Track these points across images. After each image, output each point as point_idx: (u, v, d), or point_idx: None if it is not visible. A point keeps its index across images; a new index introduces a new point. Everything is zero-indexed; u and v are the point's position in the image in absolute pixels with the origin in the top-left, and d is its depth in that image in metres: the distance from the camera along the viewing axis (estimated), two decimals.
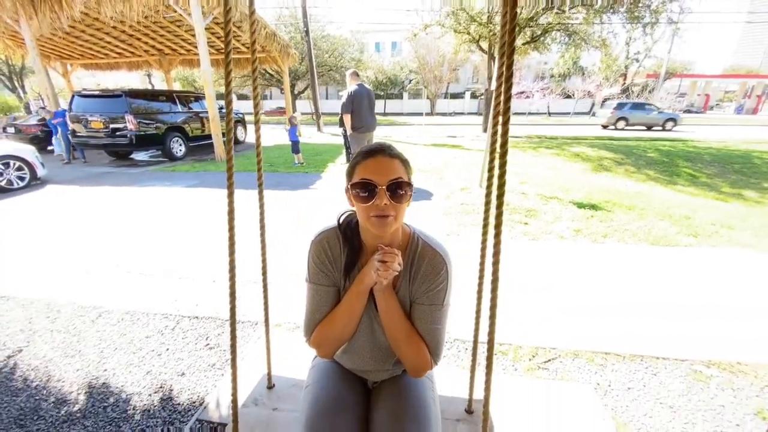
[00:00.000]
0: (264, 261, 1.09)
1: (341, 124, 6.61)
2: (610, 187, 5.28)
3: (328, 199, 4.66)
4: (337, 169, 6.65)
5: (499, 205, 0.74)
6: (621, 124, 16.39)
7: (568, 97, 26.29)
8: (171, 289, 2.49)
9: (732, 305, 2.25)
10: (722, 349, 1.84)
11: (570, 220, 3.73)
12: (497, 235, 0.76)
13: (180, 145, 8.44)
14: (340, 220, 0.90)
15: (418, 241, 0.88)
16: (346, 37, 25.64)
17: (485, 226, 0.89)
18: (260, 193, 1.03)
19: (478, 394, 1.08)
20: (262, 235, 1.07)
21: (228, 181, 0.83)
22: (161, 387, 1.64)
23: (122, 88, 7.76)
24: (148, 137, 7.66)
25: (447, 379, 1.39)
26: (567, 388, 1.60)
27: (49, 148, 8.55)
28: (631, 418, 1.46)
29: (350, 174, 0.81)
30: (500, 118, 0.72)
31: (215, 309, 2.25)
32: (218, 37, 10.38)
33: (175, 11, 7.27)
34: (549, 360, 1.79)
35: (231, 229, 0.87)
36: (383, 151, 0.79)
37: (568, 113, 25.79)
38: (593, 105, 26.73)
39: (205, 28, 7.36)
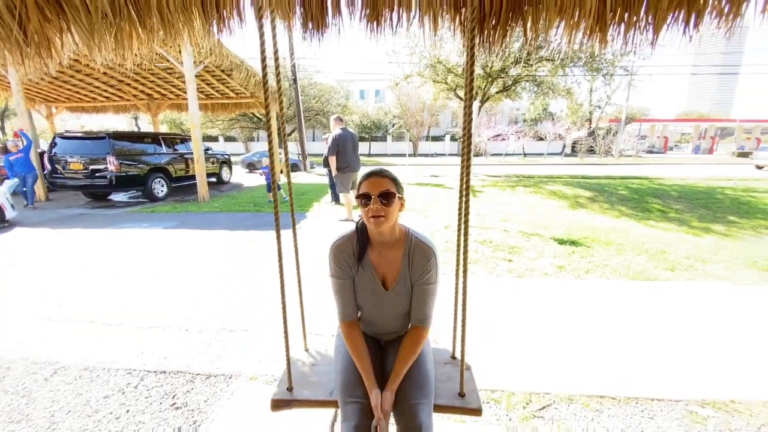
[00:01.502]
0: (294, 225, 1.40)
1: (326, 164, 6.75)
2: (588, 223, 5.46)
3: (313, 239, 4.56)
4: (323, 209, 6.65)
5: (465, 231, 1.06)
6: None
7: (541, 139, 28.11)
8: (137, 340, 2.30)
9: (717, 340, 2.26)
10: (714, 387, 1.81)
11: (552, 256, 3.78)
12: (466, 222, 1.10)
13: (162, 185, 8.32)
14: (358, 222, 1.23)
15: (412, 238, 1.20)
16: (332, 84, 27.06)
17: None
18: (294, 233, 1.38)
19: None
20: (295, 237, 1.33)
21: (275, 222, 1.22)
22: None
23: (107, 131, 7.76)
24: (129, 178, 7.53)
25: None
26: None
27: None
28: None
29: (358, 189, 1.16)
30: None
31: (185, 362, 2.08)
32: (208, 84, 10.75)
33: (168, 60, 7.55)
34: (544, 407, 1.70)
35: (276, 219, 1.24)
36: (377, 173, 1.15)
37: (542, 154, 27.40)
38: (564, 147, 28.60)
39: (195, 75, 7.63)
